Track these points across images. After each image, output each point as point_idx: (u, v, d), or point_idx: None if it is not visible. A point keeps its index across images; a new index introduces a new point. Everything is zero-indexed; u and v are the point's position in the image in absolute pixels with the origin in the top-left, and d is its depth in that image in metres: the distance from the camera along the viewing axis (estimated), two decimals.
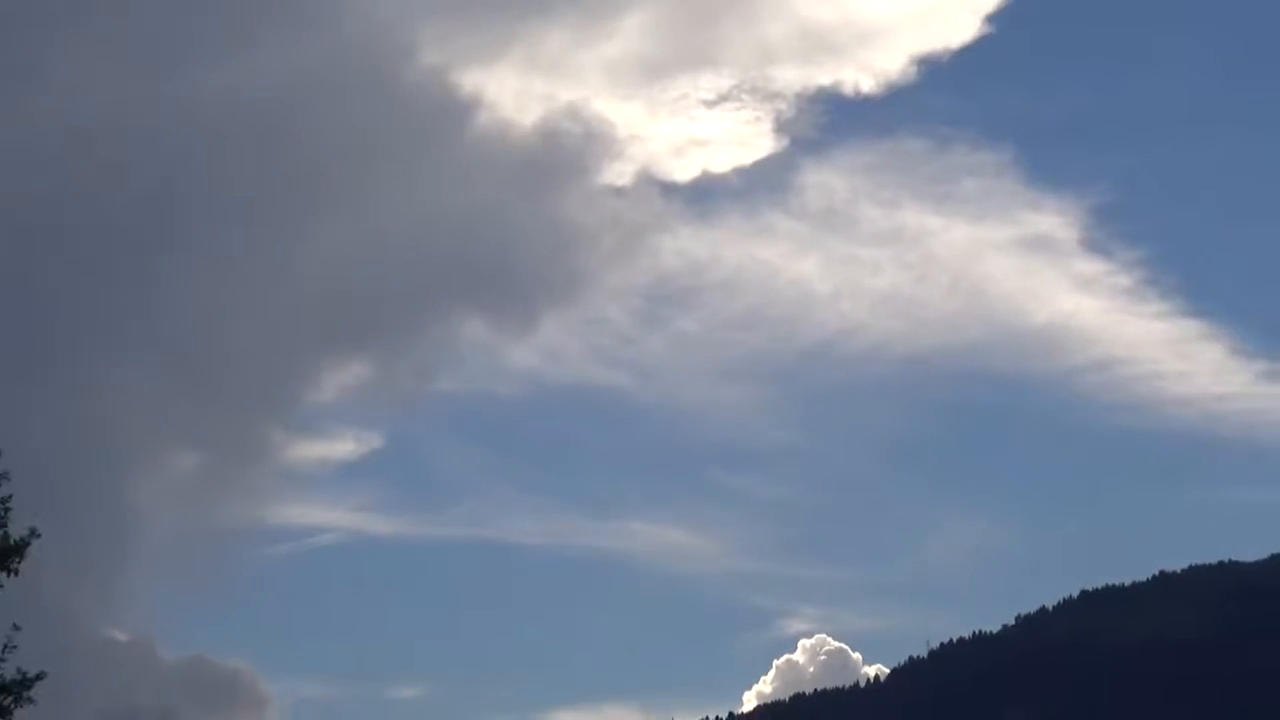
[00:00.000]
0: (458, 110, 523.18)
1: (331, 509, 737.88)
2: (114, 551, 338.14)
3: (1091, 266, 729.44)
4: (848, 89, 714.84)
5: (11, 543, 42.73)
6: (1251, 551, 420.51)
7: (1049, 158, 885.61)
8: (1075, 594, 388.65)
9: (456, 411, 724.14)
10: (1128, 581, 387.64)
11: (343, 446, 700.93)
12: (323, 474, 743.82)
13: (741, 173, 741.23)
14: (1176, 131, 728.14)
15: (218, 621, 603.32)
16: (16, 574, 42.94)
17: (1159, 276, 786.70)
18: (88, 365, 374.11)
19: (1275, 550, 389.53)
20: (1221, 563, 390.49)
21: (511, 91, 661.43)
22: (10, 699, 42.26)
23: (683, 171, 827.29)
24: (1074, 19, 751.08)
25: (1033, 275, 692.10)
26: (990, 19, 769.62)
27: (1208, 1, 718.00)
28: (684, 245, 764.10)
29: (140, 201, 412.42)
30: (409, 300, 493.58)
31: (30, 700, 42.44)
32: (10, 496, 42.89)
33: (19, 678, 42.36)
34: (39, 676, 42.58)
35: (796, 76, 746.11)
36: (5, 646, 42.38)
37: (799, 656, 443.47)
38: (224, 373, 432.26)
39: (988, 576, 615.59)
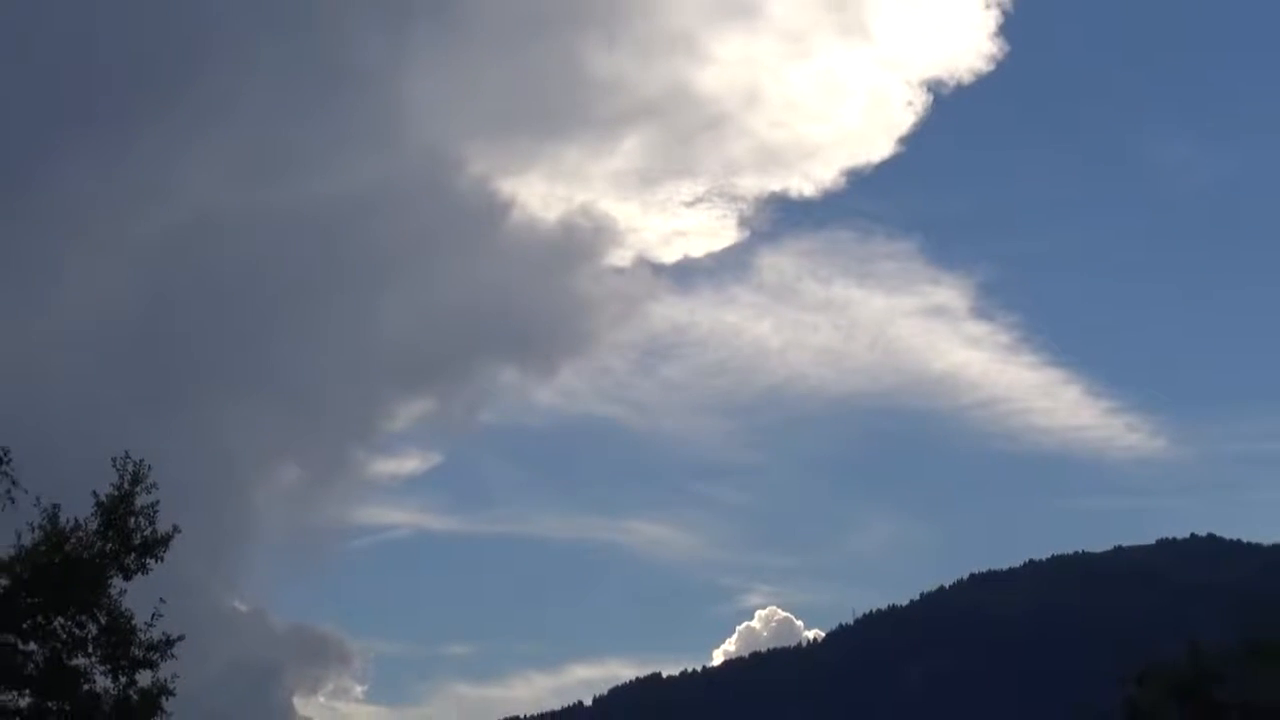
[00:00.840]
0: (497, 209, 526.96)
1: (401, 511, 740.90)
2: (237, 542, 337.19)
3: (978, 328, 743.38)
4: (793, 193, 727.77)
5: (158, 536, 43.05)
6: (1099, 544, 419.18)
7: (946, 245, 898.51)
8: (966, 576, 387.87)
9: (497, 437, 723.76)
10: (1005, 567, 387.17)
11: (410, 463, 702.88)
12: (395, 484, 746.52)
13: (713, 256, 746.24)
14: (1043, 225, 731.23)
15: (315, 596, 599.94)
16: (163, 560, 43.18)
17: (1030, 336, 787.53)
18: (218, 402, 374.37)
19: (1117, 543, 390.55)
20: (1077, 552, 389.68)
21: (538, 195, 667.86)
22: (157, 655, 42.53)
23: (668, 256, 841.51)
24: (966, 141, 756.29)
25: (933, 334, 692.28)
26: (902, 140, 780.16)
27: (1058, 122, 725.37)
28: (669, 312, 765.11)
29: (257, 279, 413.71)
30: (461, 353, 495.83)
31: (173, 656, 42.71)
32: (158, 502, 43.19)
33: (164, 639, 42.61)
34: (179, 638, 42.82)
35: (755, 184, 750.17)
36: (154, 615, 42.66)
37: (756, 623, 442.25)
38: (320, 407, 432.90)
39: (899, 562, 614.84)
